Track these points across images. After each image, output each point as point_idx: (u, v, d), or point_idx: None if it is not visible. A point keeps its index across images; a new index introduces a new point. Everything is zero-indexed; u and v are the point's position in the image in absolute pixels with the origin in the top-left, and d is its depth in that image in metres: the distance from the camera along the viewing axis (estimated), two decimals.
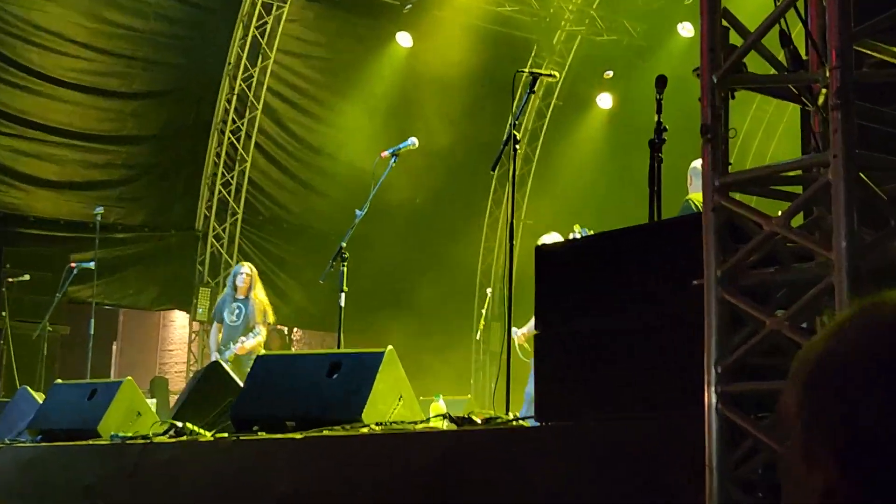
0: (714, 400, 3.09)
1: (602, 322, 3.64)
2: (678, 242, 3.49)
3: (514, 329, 9.60)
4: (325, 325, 15.89)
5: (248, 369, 10.54)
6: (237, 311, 10.82)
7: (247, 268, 11.00)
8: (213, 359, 10.60)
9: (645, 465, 3.40)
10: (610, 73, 15.20)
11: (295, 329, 18.32)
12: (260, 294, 10.86)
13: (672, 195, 6.23)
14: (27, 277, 12.32)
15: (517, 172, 6.46)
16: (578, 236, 8.33)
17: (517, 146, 6.48)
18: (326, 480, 4.74)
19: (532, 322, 9.50)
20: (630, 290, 3.58)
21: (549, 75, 8.43)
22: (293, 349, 18.14)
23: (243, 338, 10.51)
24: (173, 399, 15.23)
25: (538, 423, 3.90)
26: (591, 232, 8.02)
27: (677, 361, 3.40)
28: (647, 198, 5.52)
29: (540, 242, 7.07)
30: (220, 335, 10.85)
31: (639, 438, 3.46)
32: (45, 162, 14.23)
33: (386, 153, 7.79)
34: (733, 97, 3.32)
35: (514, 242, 6.33)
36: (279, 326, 15.61)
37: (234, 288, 10.86)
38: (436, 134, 15.36)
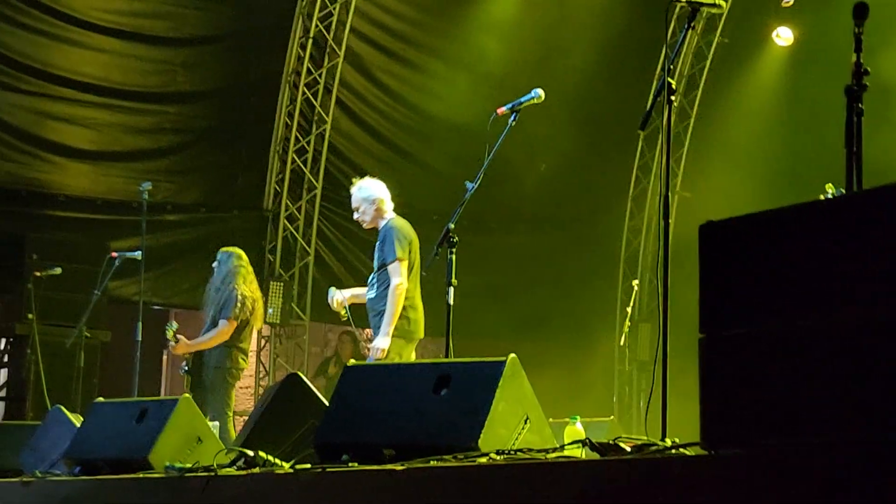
0: None
1: (791, 322, 3.60)
2: (886, 219, 3.44)
3: (334, 290, 9.79)
4: (429, 328, 15.98)
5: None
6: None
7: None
8: None
9: None
10: (790, 0, 14.98)
11: None
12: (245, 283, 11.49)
13: (873, 155, 6.12)
14: (58, 271, 12.60)
15: (672, 131, 6.41)
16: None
17: (672, 97, 6.43)
18: None
19: (359, 289, 9.69)
20: (831, 280, 3.53)
21: (713, 5, 8.34)
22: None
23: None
24: (240, 421, 15.48)
25: (704, 452, 3.89)
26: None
27: (881, 373, 3.36)
28: (845, 161, 5.43)
29: None
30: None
31: (836, 471, 3.43)
32: (77, 126, 14.53)
33: (504, 109, 7.80)
34: None
35: (669, 221, 6.29)
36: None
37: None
38: (565, 84, 15.32)
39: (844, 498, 3.38)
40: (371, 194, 9.67)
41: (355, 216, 9.95)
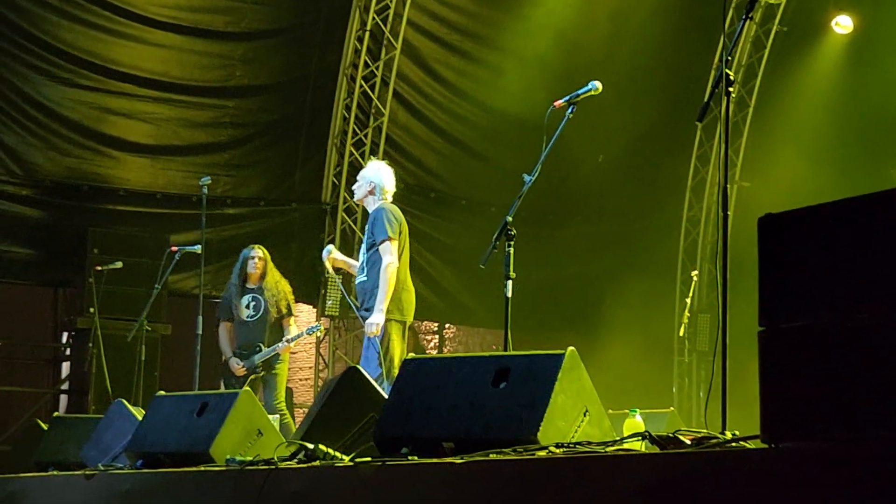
0: None
1: (851, 315, 3.57)
2: None
3: (332, 247, 9.92)
4: (487, 321, 16.03)
5: (281, 370, 11.26)
6: (252, 303, 11.26)
7: (258, 251, 11.43)
8: (234, 363, 11.09)
9: None
10: None
11: (447, 325, 18.48)
12: (277, 278, 11.64)
13: None
14: (119, 265, 12.71)
15: (730, 121, 6.38)
16: None
17: (730, 88, 6.40)
18: None
19: (354, 261, 9.74)
20: (892, 273, 3.51)
21: None
22: (446, 350, 18.32)
23: (287, 336, 11.49)
24: (300, 414, 15.55)
25: (765, 445, 3.87)
26: None
27: None
28: None
29: None
30: (231, 336, 11.34)
31: None
32: (136, 121, 14.64)
33: (561, 101, 7.78)
34: None
35: (728, 212, 6.26)
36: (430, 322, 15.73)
37: (244, 277, 11.33)
38: (623, 76, 15.28)
39: None
40: (374, 176, 9.78)
41: (353, 186, 10.08)
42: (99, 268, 12.80)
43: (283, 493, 5.84)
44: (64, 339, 14.59)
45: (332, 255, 10.04)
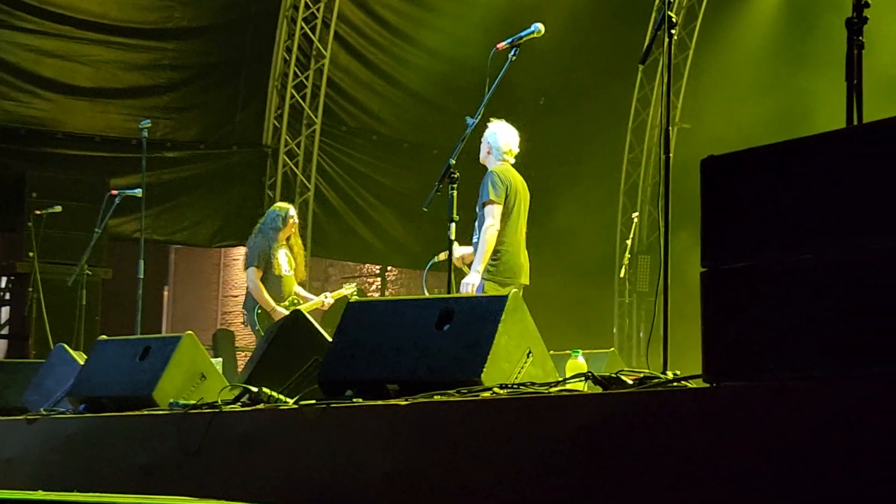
0: None
1: (792, 257, 3.61)
2: (889, 152, 3.43)
3: (457, 247, 9.76)
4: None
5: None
6: (287, 260, 11.31)
7: (295, 209, 11.68)
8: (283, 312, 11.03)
9: (848, 440, 3.38)
10: None
11: (389, 268, 18.49)
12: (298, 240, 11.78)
13: (879, 93, 6.10)
14: (58, 209, 12.61)
15: (671, 63, 6.39)
16: None
17: (672, 30, 6.39)
18: (438, 457, 4.79)
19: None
20: (832, 214, 3.53)
21: None
22: (388, 293, 18.34)
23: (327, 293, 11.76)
24: (242, 357, 15.55)
25: (706, 385, 3.90)
26: None
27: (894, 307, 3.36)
28: (845, 94, 5.41)
29: None
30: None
31: (838, 405, 3.44)
32: (74, 63, 14.47)
33: (504, 44, 7.77)
34: None
35: (670, 154, 6.27)
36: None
37: (280, 231, 11.33)
38: (564, 19, 15.25)
39: (845, 431, 3.40)
40: (491, 136, 9.58)
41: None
42: (38, 212, 12.68)
43: (228, 437, 5.84)
44: (3, 284, 14.47)
45: (464, 252, 9.79)
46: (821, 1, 14.51)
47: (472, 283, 8.98)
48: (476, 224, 9.36)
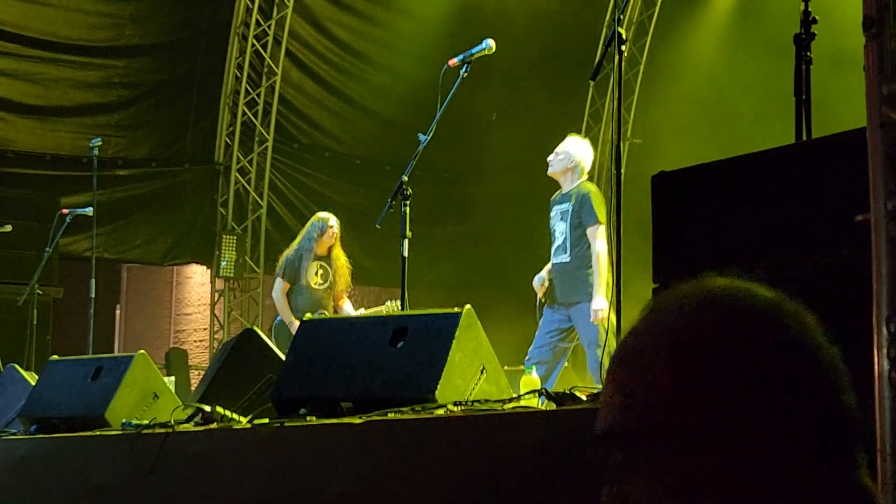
0: (886, 367, 3.07)
1: (750, 271, 3.64)
2: (836, 168, 3.47)
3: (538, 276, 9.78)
4: (383, 280, 16.00)
5: None
6: (321, 271, 11.11)
7: (336, 220, 11.35)
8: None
9: None
10: None
11: None
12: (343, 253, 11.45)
13: (826, 107, 6.17)
14: (8, 228, 12.51)
15: (622, 79, 6.42)
16: None
17: (622, 46, 6.43)
18: (393, 475, 4.80)
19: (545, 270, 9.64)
20: (782, 230, 3.57)
21: None
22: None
23: (362, 309, 11.34)
24: (195, 376, 15.48)
25: None
26: None
27: (835, 319, 3.39)
28: (794, 110, 5.46)
29: None
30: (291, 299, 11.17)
31: None
32: (23, 82, 14.40)
33: (455, 60, 7.79)
34: None
35: (621, 169, 6.31)
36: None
37: (317, 243, 11.14)
38: (516, 36, 15.30)
39: None
40: (578, 152, 9.54)
41: (550, 157, 9.85)
42: None
43: (182, 456, 5.83)
44: None
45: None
46: (771, 16, 14.61)
47: (603, 308, 8.91)
48: (565, 244, 9.37)
